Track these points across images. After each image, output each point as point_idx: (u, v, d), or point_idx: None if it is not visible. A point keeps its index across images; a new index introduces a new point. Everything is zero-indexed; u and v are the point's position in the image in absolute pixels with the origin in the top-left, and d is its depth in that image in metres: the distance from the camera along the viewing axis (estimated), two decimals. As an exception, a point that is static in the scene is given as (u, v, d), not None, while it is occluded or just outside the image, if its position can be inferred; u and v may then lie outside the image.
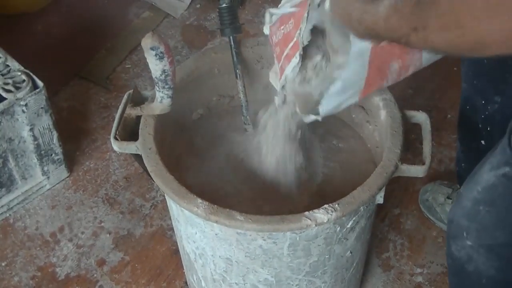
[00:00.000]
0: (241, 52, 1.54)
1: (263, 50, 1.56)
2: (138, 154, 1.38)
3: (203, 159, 1.49)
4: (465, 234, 1.28)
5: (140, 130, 1.39)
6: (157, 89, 1.35)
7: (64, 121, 1.93)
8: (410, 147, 1.48)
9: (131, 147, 1.39)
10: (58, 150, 1.76)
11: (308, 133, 1.49)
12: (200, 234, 1.34)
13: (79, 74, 2.06)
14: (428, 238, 1.71)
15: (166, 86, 1.35)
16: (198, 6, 2.23)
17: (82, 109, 1.98)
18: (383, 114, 1.43)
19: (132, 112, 1.42)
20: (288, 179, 1.41)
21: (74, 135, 1.92)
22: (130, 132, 1.43)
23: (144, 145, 1.37)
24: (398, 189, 1.79)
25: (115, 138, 1.39)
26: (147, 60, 1.32)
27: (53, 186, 1.81)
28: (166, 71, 1.32)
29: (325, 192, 1.43)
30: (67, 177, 1.83)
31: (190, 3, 2.23)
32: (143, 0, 2.25)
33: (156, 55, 1.29)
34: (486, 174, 1.23)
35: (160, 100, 1.37)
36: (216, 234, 1.29)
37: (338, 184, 1.45)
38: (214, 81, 1.57)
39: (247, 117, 1.51)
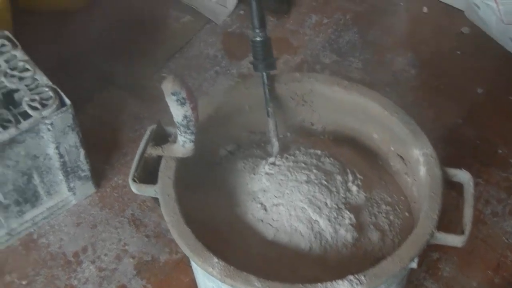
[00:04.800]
0: (275, 88, 1.45)
1: (298, 87, 1.47)
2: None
3: (230, 201, 1.40)
4: None
5: (159, 173, 1.32)
6: (179, 133, 1.28)
7: (95, 132, 1.86)
8: (448, 207, 1.36)
9: (149, 191, 1.33)
10: (85, 167, 1.69)
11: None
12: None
13: (113, 81, 1.97)
14: (467, 289, 1.59)
15: (188, 131, 1.27)
16: (241, 12, 2.12)
17: (114, 119, 1.90)
18: (422, 170, 1.33)
19: (153, 152, 1.36)
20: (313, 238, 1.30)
21: (104, 147, 1.85)
22: (150, 171, 1.35)
23: (162, 191, 1.30)
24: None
25: (133, 180, 1.32)
26: (168, 104, 1.23)
27: (79, 202, 1.75)
28: (187, 116, 1.24)
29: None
30: (94, 192, 1.76)
31: (234, 9, 2.10)
32: (185, 3, 2.15)
33: (177, 100, 1.21)
34: None
35: (182, 144, 1.30)
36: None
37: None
38: (244, 117, 1.49)
39: (276, 160, 1.41)
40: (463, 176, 1.32)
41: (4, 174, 1.56)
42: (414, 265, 1.21)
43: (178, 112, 1.23)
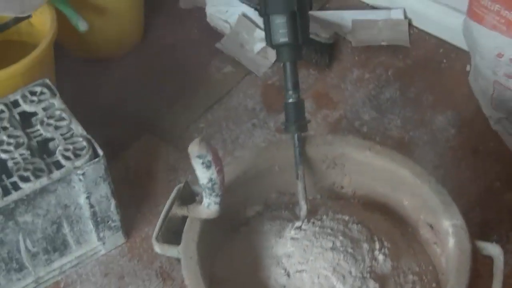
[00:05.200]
0: (306, 150, 1.44)
1: (329, 150, 1.46)
2: (180, 258, 1.30)
3: (254, 264, 1.38)
4: None
5: (183, 234, 1.33)
6: (204, 195, 1.28)
7: (129, 180, 1.87)
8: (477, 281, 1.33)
9: (173, 251, 1.34)
10: (116, 217, 1.69)
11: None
12: None
13: (151, 130, 1.98)
14: None
15: (213, 194, 1.27)
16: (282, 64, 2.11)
17: (149, 168, 1.90)
18: (451, 242, 1.30)
19: (179, 211, 1.36)
20: None
21: (137, 196, 1.84)
22: (175, 231, 1.36)
23: (185, 253, 1.30)
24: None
25: (157, 240, 1.32)
26: (194, 167, 1.24)
27: (108, 252, 1.74)
28: (213, 179, 1.24)
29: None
30: (124, 243, 1.76)
31: (274, 61, 2.10)
32: (227, 54, 2.15)
33: (203, 163, 1.22)
34: None
35: (207, 206, 1.30)
36: None
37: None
38: (274, 178, 1.48)
39: (302, 224, 1.39)
40: (493, 250, 1.30)
41: (34, 223, 1.57)
42: None
43: (203, 175, 1.23)
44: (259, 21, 2.13)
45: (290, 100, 1.40)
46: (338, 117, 1.99)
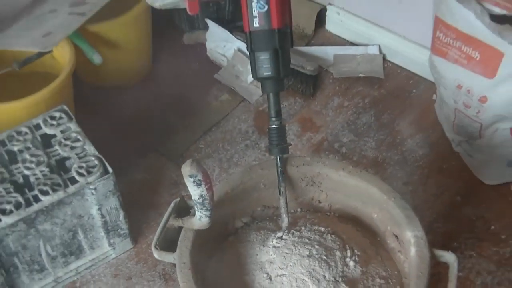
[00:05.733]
0: (287, 170, 1.43)
1: (308, 169, 1.45)
2: (176, 263, 1.28)
3: (240, 269, 1.37)
4: None
5: (179, 242, 1.31)
6: (196, 209, 1.27)
7: (135, 193, 1.85)
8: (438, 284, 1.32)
9: (169, 257, 1.33)
10: (124, 226, 1.69)
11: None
12: None
13: (156, 149, 1.97)
14: None
15: (204, 208, 1.26)
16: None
17: (154, 183, 1.89)
18: (413, 250, 1.29)
19: (175, 223, 1.35)
20: None
21: (143, 207, 1.83)
22: (172, 239, 1.34)
23: (180, 259, 1.29)
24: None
25: (155, 247, 1.31)
26: (187, 185, 1.22)
27: (118, 256, 1.73)
28: (203, 196, 1.23)
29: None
30: (131, 248, 1.75)
31: (264, 90, 2.09)
32: (224, 84, 2.14)
33: (194, 182, 1.21)
34: None
35: (199, 218, 1.29)
36: None
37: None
38: (259, 194, 1.47)
39: (283, 234, 1.38)
40: (449, 257, 1.29)
41: (53, 230, 1.57)
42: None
43: (195, 192, 1.23)
44: (253, 55, 2.13)
45: (273, 126, 1.38)
46: (321, 139, 1.98)
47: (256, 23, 1.31)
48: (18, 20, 1.87)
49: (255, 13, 1.29)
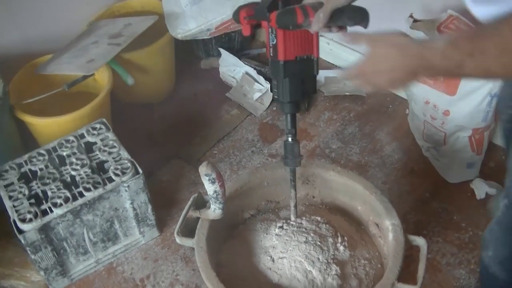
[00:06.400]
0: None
1: (303, 170, 1.48)
2: (194, 247, 1.29)
3: (248, 253, 1.38)
4: (488, 246, 1.17)
5: (197, 230, 1.32)
6: (211, 202, 1.27)
7: (162, 191, 1.86)
8: (411, 263, 1.32)
9: (188, 242, 1.33)
10: (152, 217, 1.69)
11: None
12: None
13: (178, 155, 1.98)
14: None
15: (217, 202, 1.26)
16: (274, 108, 2.13)
17: (176, 183, 1.90)
18: (390, 236, 1.30)
19: (193, 214, 1.35)
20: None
21: (168, 203, 1.84)
22: (191, 228, 1.35)
23: (197, 243, 1.29)
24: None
25: (177, 234, 1.32)
26: (203, 182, 1.23)
27: (146, 242, 1.74)
28: (217, 191, 1.24)
29: None
30: (158, 236, 1.75)
31: (268, 106, 2.11)
32: (233, 100, 2.16)
33: (209, 180, 1.21)
34: (501, 202, 1.12)
35: (213, 210, 1.29)
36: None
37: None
38: (263, 190, 1.47)
39: (284, 224, 1.38)
40: (420, 241, 1.30)
41: (94, 220, 1.59)
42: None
43: (210, 188, 1.24)
44: (257, 77, 2.14)
45: (289, 140, 1.29)
46: (314, 146, 1.98)
47: (270, 53, 1.20)
48: (68, 50, 1.89)
49: (270, 45, 1.20)
